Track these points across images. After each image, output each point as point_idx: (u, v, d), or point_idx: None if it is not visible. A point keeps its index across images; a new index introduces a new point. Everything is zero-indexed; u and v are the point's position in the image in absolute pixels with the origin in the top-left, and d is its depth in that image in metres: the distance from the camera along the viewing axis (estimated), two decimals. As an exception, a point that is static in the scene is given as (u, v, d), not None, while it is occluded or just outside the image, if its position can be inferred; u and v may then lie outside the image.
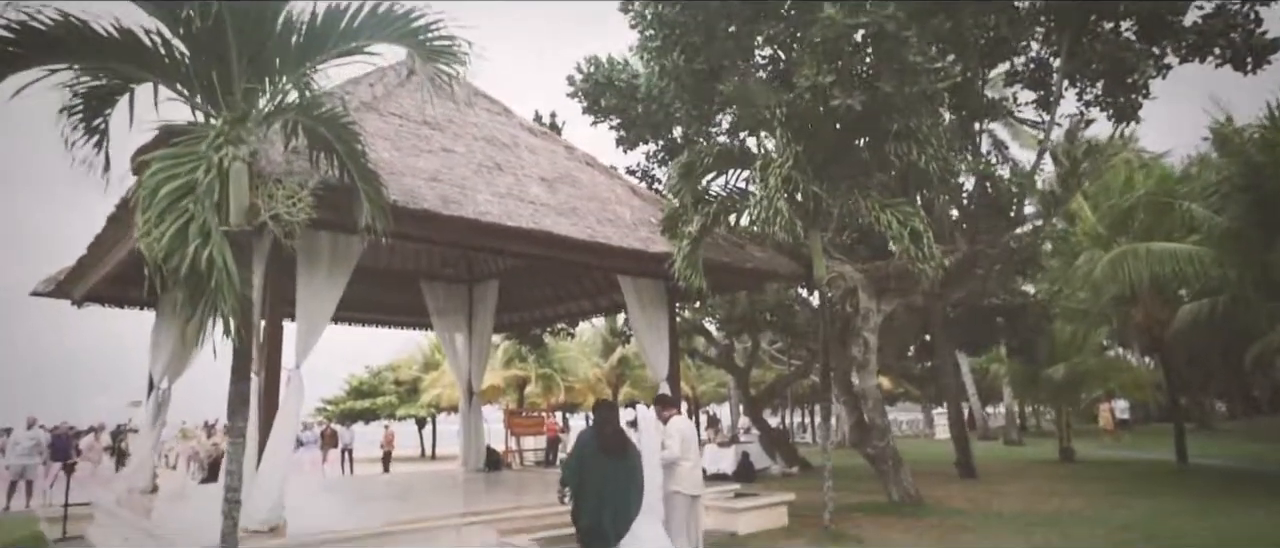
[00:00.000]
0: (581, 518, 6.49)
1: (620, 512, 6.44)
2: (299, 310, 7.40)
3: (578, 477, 6.49)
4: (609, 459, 6.46)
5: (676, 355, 11.06)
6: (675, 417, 7.94)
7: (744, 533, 9.61)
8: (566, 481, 6.65)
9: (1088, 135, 14.07)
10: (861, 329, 11.85)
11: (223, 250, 4.36)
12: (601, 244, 8.57)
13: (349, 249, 7.85)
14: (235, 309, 4.57)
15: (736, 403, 25.14)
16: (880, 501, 12.01)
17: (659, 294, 10.79)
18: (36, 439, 16.06)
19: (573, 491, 6.55)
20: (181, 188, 4.36)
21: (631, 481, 6.51)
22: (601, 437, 6.60)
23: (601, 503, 6.37)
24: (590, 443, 6.54)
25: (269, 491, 6.82)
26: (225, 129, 4.88)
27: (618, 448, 6.57)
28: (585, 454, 6.51)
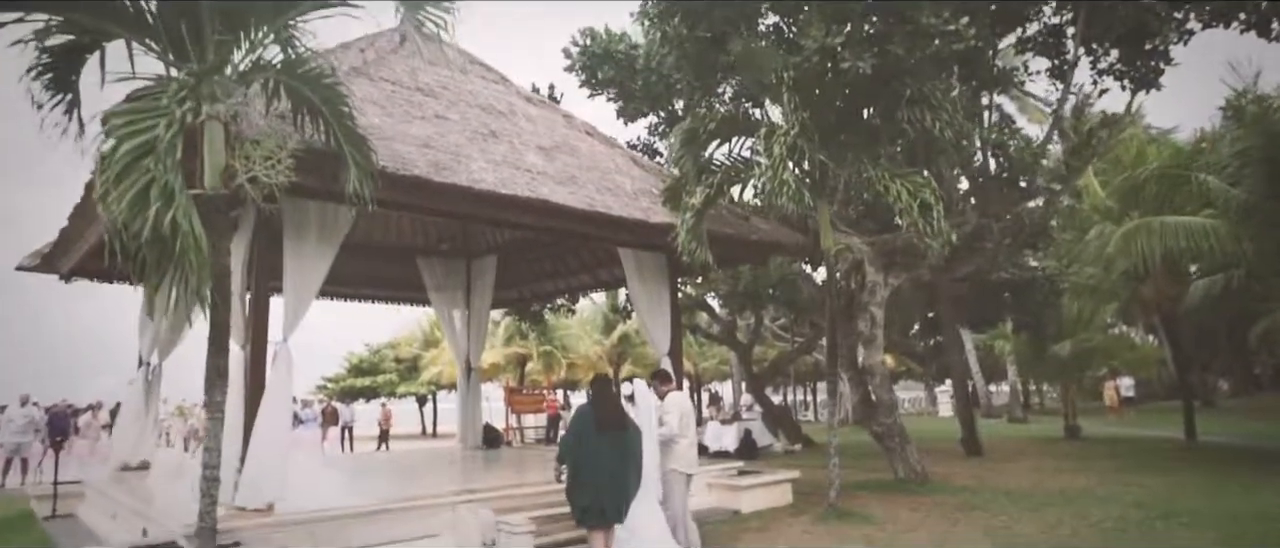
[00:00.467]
0: (578, 496, 6.28)
1: (618, 490, 6.24)
2: (286, 283, 7.11)
3: (575, 454, 6.29)
4: (607, 436, 6.25)
5: (678, 331, 10.79)
6: (673, 393, 7.69)
7: (747, 511, 9.39)
8: (563, 458, 6.44)
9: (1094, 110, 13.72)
10: (868, 304, 11.57)
11: (189, 214, 4.06)
12: (601, 214, 8.26)
13: (338, 219, 7.54)
14: (206, 278, 4.27)
15: (738, 380, 24.94)
16: (886, 478, 11.79)
17: (660, 267, 10.50)
18: (30, 417, 15.89)
19: (570, 468, 6.34)
20: (141, 146, 4.04)
21: (629, 458, 6.30)
22: (599, 413, 6.38)
23: (599, 481, 6.17)
24: (587, 420, 6.33)
25: (263, 468, 6.57)
26: (189, 82, 4.55)
27: (616, 425, 6.36)
28: (582, 431, 6.30)
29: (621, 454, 6.24)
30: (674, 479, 7.34)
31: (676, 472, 7.33)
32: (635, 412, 6.95)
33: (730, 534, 8.30)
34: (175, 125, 4.17)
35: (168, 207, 3.94)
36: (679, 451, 7.37)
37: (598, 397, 6.55)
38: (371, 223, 13.14)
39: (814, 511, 9.30)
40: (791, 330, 23.27)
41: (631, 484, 6.29)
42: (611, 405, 6.50)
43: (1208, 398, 31.32)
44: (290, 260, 7.14)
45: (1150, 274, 15.74)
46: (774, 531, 8.46)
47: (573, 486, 6.29)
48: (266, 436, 6.63)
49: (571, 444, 6.34)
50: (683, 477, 7.38)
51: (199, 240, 4.12)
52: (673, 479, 7.33)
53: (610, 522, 6.31)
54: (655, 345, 10.61)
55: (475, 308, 14.03)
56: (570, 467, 6.33)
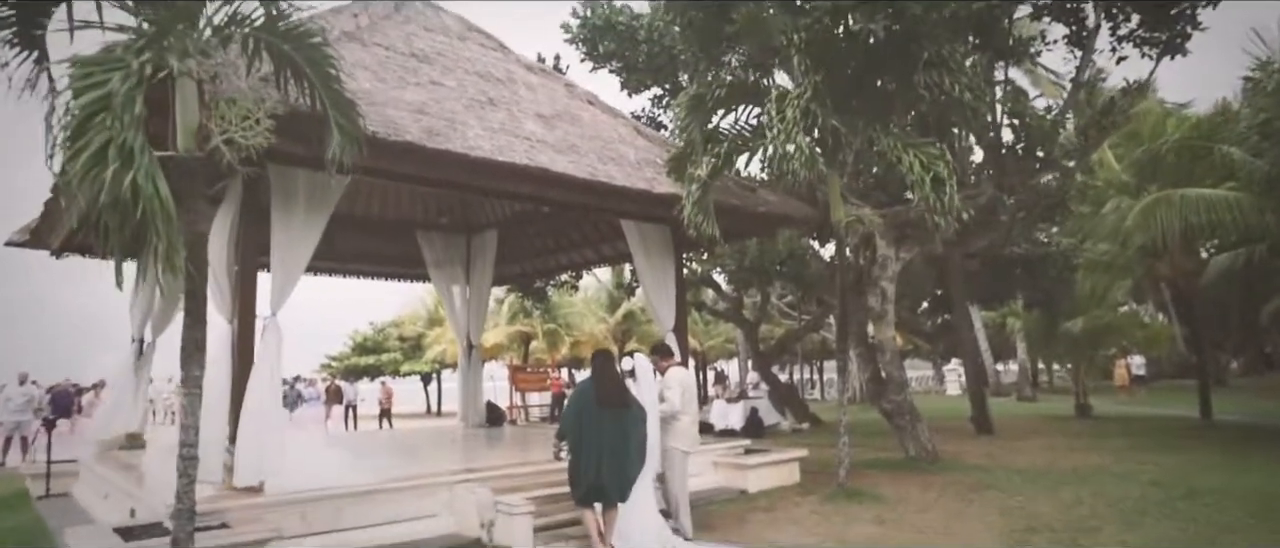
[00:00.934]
0: (579, 475, 6.06)
1: (620, 468, 6.04)
2: (274, 255, 6.83)
3: (575, 432, 6.06)
4: (608, 413, 6.03)
5: (684, 306, 10.51)
6: (675, 368, 7.46)
7: (754, 491, 9.15)
8: (563, 436, 6.22)
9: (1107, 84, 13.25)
10: (879, 278, 11.25)
11: (153, 176, 3.75)
12: (603, 183, 7.93)
13: (328, 189, 7.21)
14: (176, 245, 3.98)
15: (744, 359, 24.69)
16: (896, 457, 11.53)
17: (665, 241, 10.20)
18: (30, 396, 15.75)
19: (570, 446, 6.13)
20: (96, 101, 3.73)
21: (631, 436, 6.09)
22: (600, 389, 6.15)
23: (600, 459, 5.96)
24: (588, 396, 6.11)
25: (252, 446, 6.33)
26: (150, 31, 4.23)
27: (617, 401, 6.13)
28: (583, 408, 6.08)
29: (623, 432, 6.02)
30: (674, 457, 7.11)
31: (676, 449, 7.10)
32: (636, 388, 6.72)
33: (737, 515, 8.05)
34: (133, 78, 3.86)
35: (127, 167, 3.64)
36: (679, 427, 7.15)
37: (599, 372, 6.32)
38: (369, 197, 12.88)
39: (822, 490, 9.05)
40: (798, 308, 22.96)
41: (634, 462, 6.07)
42: (613, 382, 6.26)
43: (1219, 377, 31.00)
44: (278, 232, 6.86)
45: (1168, 249, 15.37)
46: (781, 510, 8.22)
47: (574, 465, 6.07)
48: (255, 412, 6.38)
49: (572, 422, 6.12)
50: (683, 455, 7.14)
51: (165, 204, 3.82)
52: (673, 457, 7.10)
53: (613, 501, 6.08)
54: (660, 321, 10.33)
55: (476, 284, 13.75)
56: (571, 445, 6.12)
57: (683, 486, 7.10)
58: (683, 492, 7.08)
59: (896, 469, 10.66)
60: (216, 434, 6.41)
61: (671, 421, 7.10)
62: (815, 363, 39.22)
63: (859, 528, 7.30)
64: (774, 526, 7.52)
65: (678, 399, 7.08)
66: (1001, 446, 13.31)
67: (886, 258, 11.26)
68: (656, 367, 7.31)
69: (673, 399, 7.07)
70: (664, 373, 7.29)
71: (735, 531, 7.36)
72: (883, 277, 11.26)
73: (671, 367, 7.45)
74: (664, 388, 7.11)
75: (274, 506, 6.20)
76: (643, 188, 8.36)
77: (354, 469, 8.58)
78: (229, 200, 6.89)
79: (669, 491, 7.14)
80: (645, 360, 7.08)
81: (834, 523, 7.52)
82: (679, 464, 7.13)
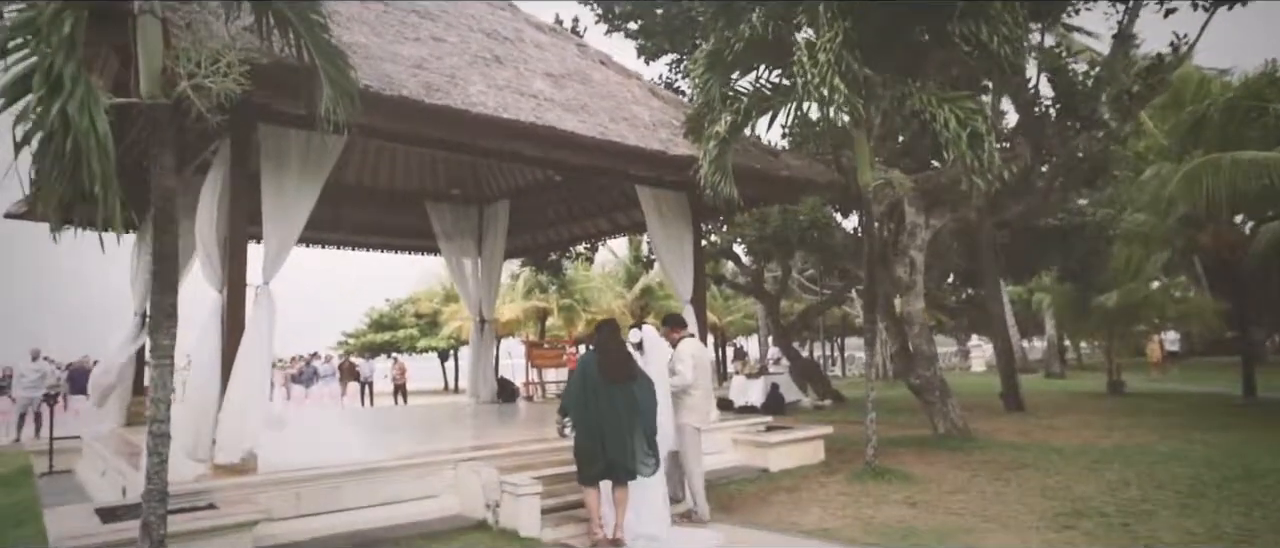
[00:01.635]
0: (582, 452, 5.66)
1: (626, 445, 5.64)
2: (266, 221, 6.41)
3: (578, 406, 5.66)
4: (613, 386, 5.62)
5: (701, 277, 10.02)
6: (686, 339, 7.00)
7: (776, 470, 8.71)
8: (566, 411, 5.81)
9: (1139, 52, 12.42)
10: (908, 247, 10.68)
11: (88, 107, 3.31)
12: (614, 143, 7.43)
13: (323, 152, 6.80)
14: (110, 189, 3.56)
15: (765, 334, 24.18)
16: (925, 434, 11.03)
17: (682, 208, 9.71)
18: (42, 372, 15.63)
19: (574, 423, 5.73)
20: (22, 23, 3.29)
21: (638, 410, 5.70)
22: (604, 362, 5.74)
23: (605, 435, 5.57)
24: (591, 368, 5.68)
25: (239, 422, 5.97)
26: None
27: (623, 373, 5.72)
28: (586, 381, 5.67)
29: (630, 407, 5.60)
30: (687, 434, 6.68)
31: (689, 426, 6.67)
32: (644, 361, 6.29)
33: (758, 495, 7.61)
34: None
35: (54, 95, 3.20)
36: (692, 402, 6.72)
37: (603, 344, 5.91)
38: (376, 167, 12.46)
39: (849, 469, 8.59)
40: (820, 282, 22.37)
41: (640, 439, 5.66)
42: (618, 353, 5.84)
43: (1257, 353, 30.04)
44: (269, 197, 6.44)
45: (1211, 219, 14.59)
46: (806, 490, 7.77)
47: (579, 442, 5.67)
48: (244, 387, 6.01)
49: (575, 396, 5.72)
50: (696, 431, 6.72)
51: (103, 141, 3.39)
52: (686, 434, 6.68)
53: (621, 479, 5.67)
54: (677, 292, 9.87)
55: (487, 256, 13.33)
56: (575, 422, 5.71)
57: (697, 464, 6.67)
58: (697, 471, 6.65)
59: (926, 447, 10.16)
60: (207, 410, 6.05)
61: (683, 395, 6.68)
62: (836, 339, 38.59)
63: (889, 510, 6.83)
64: (798, 507, 7.07)
65: (689, 372, 6.66)
66: (1035, 423, 12.75)
67: (915, 226, 10.68)
68: (667, 338, 6.92)
69: (684, 372, 6.65)
70: (675, 345, 6.88)
71: (756, 512, 6.92)
72: (911, 246, 10.69)
73: (683, 338, 7.01)
74: (675, 361, 6.70)
75: (266, 485, 5.84)
76: (657, 148, 7.85)
77: (356, 446, 8.23)
78: (218, 164, 6.48)
79: (684, 470, 6.72)
80: (654, 332, 6.65)
81: (862, 505, 7.06)
82: (693, 442, 6.70)
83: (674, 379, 6.62)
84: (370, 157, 12.21)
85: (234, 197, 6.37)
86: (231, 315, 6.23)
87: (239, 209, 6.38)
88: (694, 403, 6.70)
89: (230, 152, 6.42)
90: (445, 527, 6.32)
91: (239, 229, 6.36)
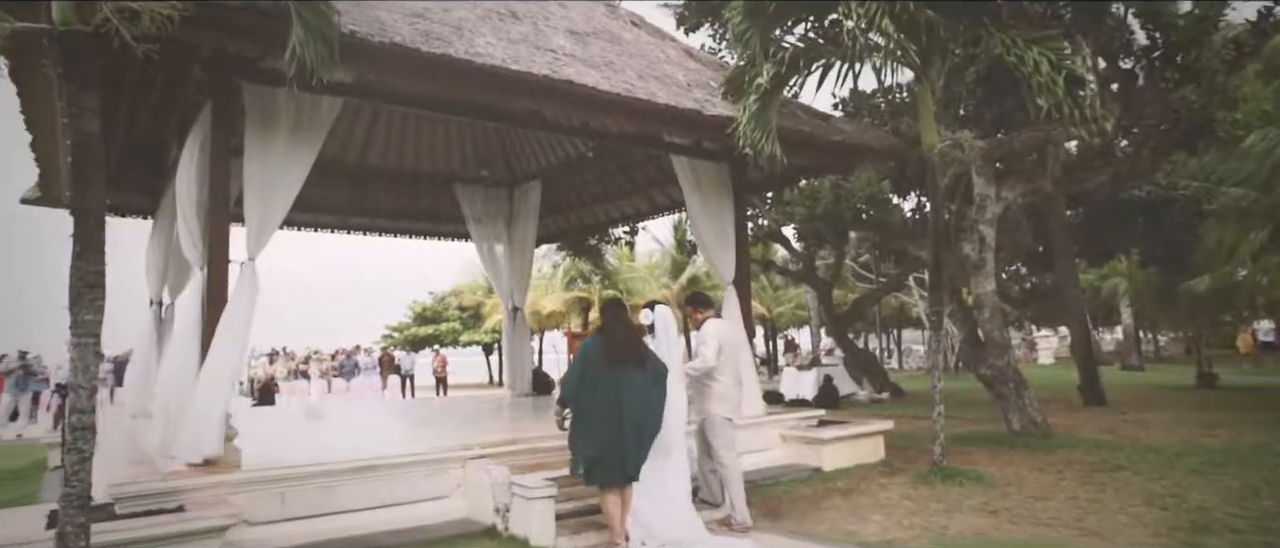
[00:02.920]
0: (583, 447, 4.93)
1: (634, 439, 4.88)
2: (247, 192, 5.75)
3: (579, 395, 4.90)
4: (619, 372, 4.87)
5: (745, 256, 9.10)
6: (712, 320, 6.16)
7: (830, 469, 7.75)
8: (566, 401, 5.05)
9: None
10: (976, 222, 9.57)
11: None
12: (641, 101, 6.56)
13: (315, 116, 6.12)
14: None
15: (817, 325, 23.02)
16: (997, 430, 9.91)
17: (722, 181, 8.80)
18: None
19: (573, 413, 5.00)
20: None
21: (649, 399, 4.95)
22: (609, 344, 4.98)
23: (609, 428, 4.82)
24: (594, 352, 4.92)
25: (207, 414, 5.30)
26: None
27: (630, 357, 4.98)
28: (589, 368, 4.91)
29: (639, 395, 4.87)
30: (717, 427, 5.86)
31: (719, 416, 5.85)
32: (655, 343, 5.51)
33: (810, 498, 6.69)
34: None
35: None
36: (720, 389, 5.88)
37: (609, 325, 5.15)
38: (402, 148, 11.85)
39: (913, 469, 7.60)
40: (875, 269, 21.10)
41: (649, 432, 4.95)
42: (624, 335, 5.10)
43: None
44: (253, 164, 5.77)
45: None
46: (865, 493, 6.81)
47: (576, 435, 4.94)
48: (216, 377, 5.35)
49: (575, 384, 4.99)
50: (727, 422, 5.90)
51: None
52: (715, 427, 5.86)
53: (625, 479, 4.91)
54: (718, 273, 8.98)
55: (518, 240, 12.61)
56: (573, 411, 4.96)
57: (732, 460, 5.83)
58: (733, 469, 5.81)
59: (1000, 445, 9.06)
60: (182, 400, 5.42)
61: (709, 382, 5.87)
62: (892, 331, 36.97)
63: (965, 519, 5.84)
64: (856, 514, 6.13)
65: (712, 354, 5.83)
66: (1121, 419, 11.46)
67: (985, 198, 9.55)
68: (692, 319, 6.16)
69: (706, 354, 5.83)
70: (699, 326, 6.07)
71: (808, 519, 6.01)
72: (981, 220, 9.57)
73: (709, 319, 6.16)
74: (699, 343, 5.90)
75: (247, 484, 5.17)
76: (691, 107, 6.95)
77: (362, 441, 7.56)
78: (198, 127, 5.84)
79: (717, 468, 5.87)
80: (667, 311, 5.83)
81: (932, 512, 6.08)
82: (724, 435, 5.86)
83: (694, 363, 5.86)
84: (395, 136, 11.62)
85: (215, 163, 5.73)
86: (211, 296, 5.58)
87: (220, 177, 5.73)
88: (722, 390, 5.88)
89: (211, 114, 5.77)
90: (450, 532, 5.58)
91: (220, 199, 5.72)
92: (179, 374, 5.47)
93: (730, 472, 5.78)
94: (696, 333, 6.10)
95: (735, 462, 5.85)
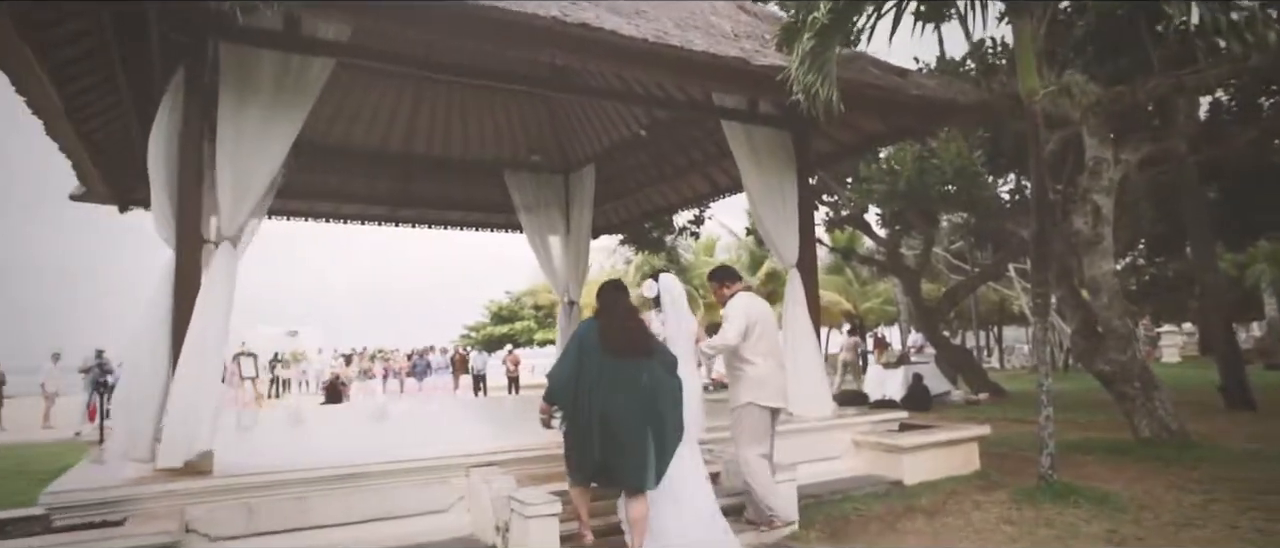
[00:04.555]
0: (577, 453, 4.13)
1: (641, 443, 4.02)
2: (221, 162, 5.10)
3: (570, 391, 4.03)
4: (618, 364, 4.02)
5: (811, 236, 7.96)
6: (742, 294, 5.22)
7: (913, 483, 6.55)
8: (554, 398, 4.16)
9: None
10: (1089, 190, 8.09)
11: None
12: (671, 48, 5.56)
13: (304, 78, 5.43)
14: None
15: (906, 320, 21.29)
16: (1121, 437, 8.37)
17: (782, 150, 7.72)
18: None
19: (565, 412, 4.11)
20: None
21: (653, 395, 4.07)
22: (607, 332, 4.10)
23: (606, 428, 3.98)
24: (590, 341, 4.02)
25: (187, 415, 4.67)
26: None
27: (631, 346, 4.12)
28: (583, 358, 4.02)
29: (641, 389, 4.02)
30: (742, 416, 4.95)
31: (753, 406, 4.91)
32: (661, 319, 4.71)
33: (884, 518, 5.53)
34: None
35: None
36: (752, 374, 4.95)
37: (607, 309, 4.25)
38: (448, 134, 11.24)
39: (1015, 484, 6.31)
40: (970, 257, 19.25)
41: (669, 436, 4.10)
42: (626, 322, 4.24)
43: None
44: (226, 131, 5.12)
45: None
46: (953, 514, 5.60)
47: (575, 441, 4.06)
48: (193, 373, 4.70)
49: (565, 379, 4.11)
50: (764, 413, 4.95)
51: None
52: (741, 416, 4.96)
53: (634, 486, 4.10)
54: (780, 256, 7.89)
55: (573, 230, 11.81)
56: (569, 414, 4.06)
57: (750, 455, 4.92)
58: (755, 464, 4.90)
59: (1125, 456, 7.58)
60: (148, 399, 4.81)
61: (741, 366, 4.98)
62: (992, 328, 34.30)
63: (1085, 552, 4.59)
64: (941, 538, 4.96)
65: (733, 333, 4.92)
66: (1278, 425, 9.62)
67: (1099, 162, 8.05)
68: (717, 294, 5.28)
69: (726, 332, 4.93)
70: (724, 302, 5.19)
71: (879, 544, 4.89)
72: (1094, 188, 8.07)
73: (737, 293, 5.23)
74: (724, 321, 5.01)
75: (209, 493, 4.50)
76: (735, 56, 5.89)
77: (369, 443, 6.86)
78: (171, 93, 5.24)
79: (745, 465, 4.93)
80: (674, 282, 4.93)
81: (1040, 539, 4.84)
82: (752, 426, 4.93)
83: (711, 341, 4.96)
84: (439, 122, 11.03)
85: (186, 132, 5.11)
86: (181, 279, 4.96)
87: (191, 146, 5.11)
88: (760, 375, 4.95)
89: (184, 77, 5.16)
90: (445, 554, 4.77)
91: (191, 171, 5.09)
92: (147, 367, 4.85)
93: (753, 470, 4.87)
94: (723, 310, 5.13)
95: (755, 457, 4.91)
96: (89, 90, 6.47)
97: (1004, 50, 9.11)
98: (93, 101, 6.73)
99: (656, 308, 4.83)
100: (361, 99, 10.20)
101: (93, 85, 6.41)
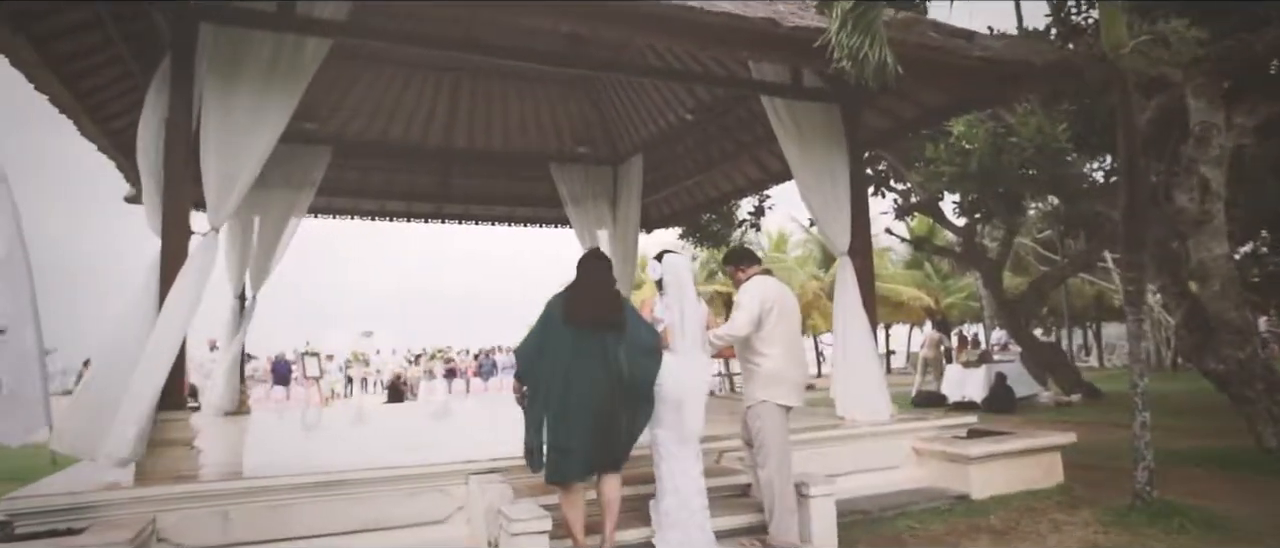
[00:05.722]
0: (552, 436, 3.73)
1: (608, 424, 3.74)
2: (205, 148, 4.83)
3: (536, 366, 3.76)
4: (589, 338, 3.71)
5: (865, 221, 7.20)
6: (758, 278, 4.60)
7: (982, 496, 5.73)
8: (523, 373, 3.85)
9: None
10: (1196, 161, 7.01)
11: None
12: (688, 8, 4.95)
13: (297, 61, 5.12)
14: None
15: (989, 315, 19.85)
16: (1236, 446, 7.24)
17: (830, 126, 7.02)
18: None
19: (531, 391, 3.81)
20: None
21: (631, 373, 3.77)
22: (574, 303, 3.79)
23: (572, 408, 3.67)
24: (557, 312, 3.61)
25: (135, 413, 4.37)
26: None
27: (604, 320, 3.79)
28: (550, 330, 3.74)
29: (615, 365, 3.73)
30: (760, 416, 4.37)
31: (770, 404, 4.35)
32: (668, 304, 4.17)
33: (945, 539, 4.79)
34: None
35: None
36: (765, 369, 4.38)
37: (581, 279, 3.81)
38: (489, 127, 10.92)
39: (1105, 501, 5.43)
40: (1059, 246, 17.71)
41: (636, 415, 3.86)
42: (597, 292, 3.90)
43: None
44: (211, 116, 4.85)
45: None
46: (1028, 534, 4.81)
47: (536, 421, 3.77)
48: (156, 367, 4.41)
49: (531, 354, 3.82)
50: (777, 411, 4.37)
51: None
52: (758, 417, 4.38)
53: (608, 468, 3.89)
54: (831, 243, 7.21)
55: (622, 222, 11.33)
56: (531, 391, 3.82)
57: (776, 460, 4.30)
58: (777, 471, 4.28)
59: (1241, 469, 6.51)
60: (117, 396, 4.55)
61: (754, 359, 4.42)
62: (1090, 324, 31.85)
63: (1187, 591, 3.75)
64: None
65: (743, 321, 4.36)
66: None
67: (1208, 127, 6.96)
68: (733, 278, 4.73)
69: (737, 320, 4.37)
70: (739, 285, 4.62)
71: (931, 574, 4.18)
72: (1202, 158, 6.99)
73: (753, 277, 4.61)
74: (736, 307, 4.46)
75: (180, 500, 4.20)
76: (763, 16, 5.24)
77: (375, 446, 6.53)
78: (159, 78, 5.00)
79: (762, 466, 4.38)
80: (680, 263, 4.35)
81: (1132, 575, 4.02)
82: (773, 427, 4.33)
83: (719, 330, 4.41)
84: (480, 115, 10.75)
85: (173, 116, 4.86)
86: (165, 269, 4.70)
87: (177, 130, 4.84)
88: (773, 370, 4.37)
89: (170, 61, 4.92)
90: (435, 569, 4.33)
91: (177, 156, 4.82)
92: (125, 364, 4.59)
93: (776, 476, 4.26)
94: (737, 295, 4.55)
95: (779, 463, 4.29)
96: (104, 88, 6.41)
97: (1089, 5, 8.07)
98: (112, 100, 6.68)
99: (661, 292, 4.31)
100: (399, 95, 10.03)
101: (108, 83, 6.35)
